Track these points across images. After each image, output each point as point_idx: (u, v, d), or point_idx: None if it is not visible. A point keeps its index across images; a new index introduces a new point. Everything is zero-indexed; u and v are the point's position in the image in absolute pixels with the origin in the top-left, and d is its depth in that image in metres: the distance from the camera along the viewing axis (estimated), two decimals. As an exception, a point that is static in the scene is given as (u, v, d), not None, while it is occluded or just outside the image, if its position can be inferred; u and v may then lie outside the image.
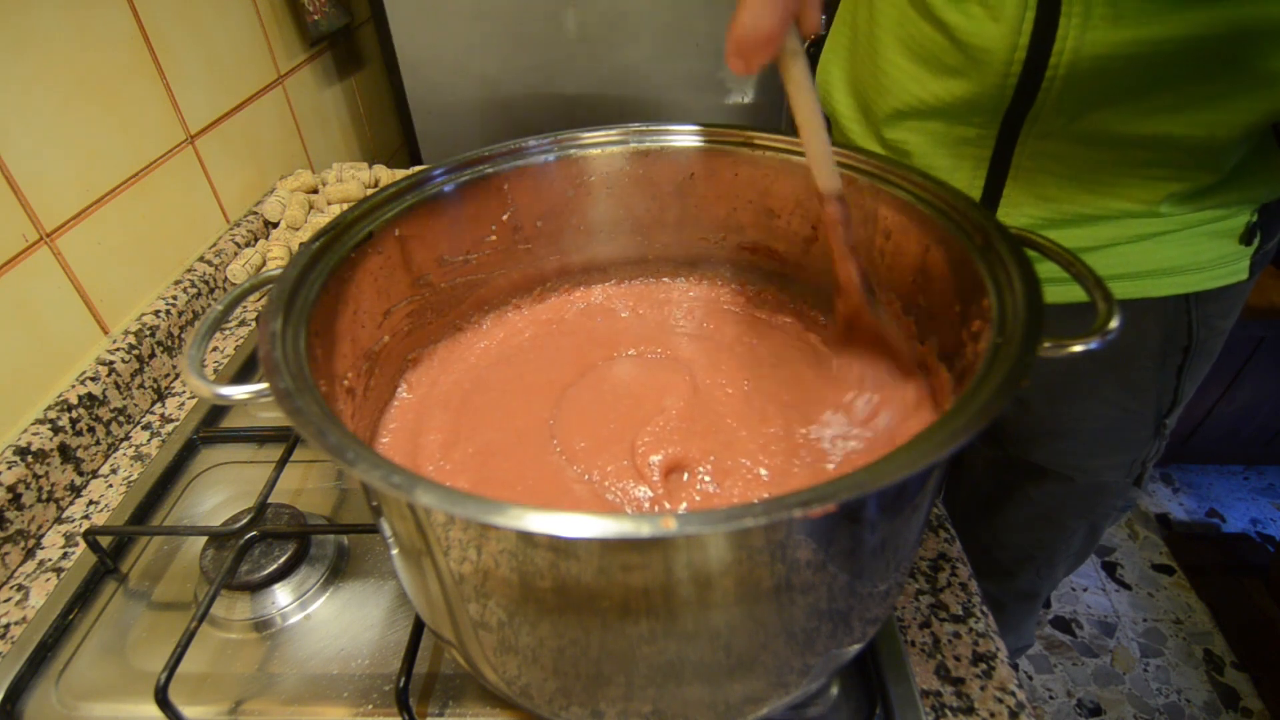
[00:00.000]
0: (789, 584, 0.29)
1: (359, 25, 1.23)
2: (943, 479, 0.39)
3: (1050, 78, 0.49)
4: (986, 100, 0.52)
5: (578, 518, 0.23)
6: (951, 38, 0.52)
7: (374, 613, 0.50)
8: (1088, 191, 0.54)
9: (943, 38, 0.53)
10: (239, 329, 0.80)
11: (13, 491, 0.55)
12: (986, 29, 0.50)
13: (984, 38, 0.50)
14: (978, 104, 0.53)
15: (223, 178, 0.88)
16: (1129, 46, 0.45)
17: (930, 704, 0.44)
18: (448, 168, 0.45)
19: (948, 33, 0.52)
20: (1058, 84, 0.49)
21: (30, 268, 0.62)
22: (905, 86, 0.57)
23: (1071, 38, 0.47)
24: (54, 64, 0.64)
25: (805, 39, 0.36)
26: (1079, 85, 0.48)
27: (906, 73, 0.57)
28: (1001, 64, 0.50)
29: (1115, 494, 0.74)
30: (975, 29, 0.50)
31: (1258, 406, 1.65)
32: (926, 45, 0.54)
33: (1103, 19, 0.46)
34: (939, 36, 0.53)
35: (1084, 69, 0.47)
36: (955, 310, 0.37)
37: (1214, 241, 0.56)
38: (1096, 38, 0.46)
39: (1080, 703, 1.42)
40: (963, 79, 0.53)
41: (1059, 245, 0.35)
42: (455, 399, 0.46)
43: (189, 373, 0.33)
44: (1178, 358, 0.63)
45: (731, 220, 0.50)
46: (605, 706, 0.35)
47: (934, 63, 0.54)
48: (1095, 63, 0.47)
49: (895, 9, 0.57)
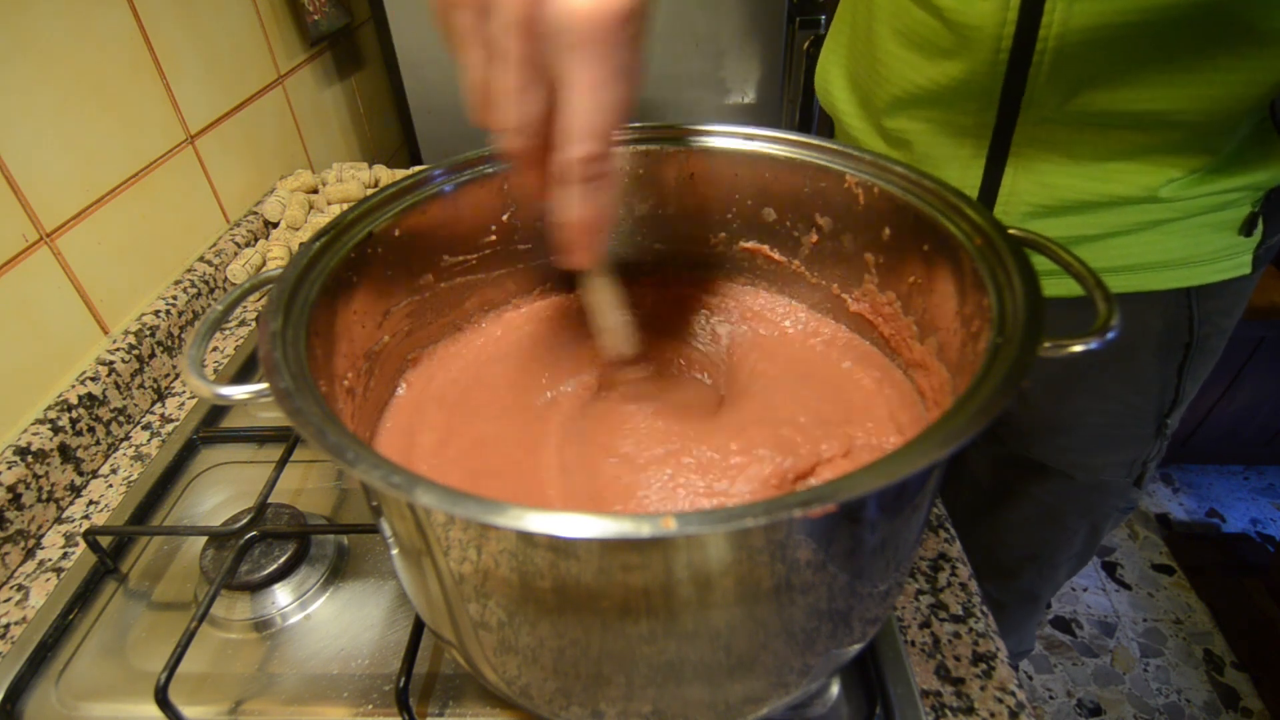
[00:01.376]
0: (789, 584, 0.29)
1: (359, 25, 1.23)
2: (943, 479, 0.39)
3: (1040, 51, 0.49)
4: (980, 81, 0.53)
5: (578, 518, 0.23)
6: (943, 19, 0.52)
7: (374, 613, 0.50)
8: (1086, 177, 0.54)
9: (935, 20, 0.53)
10: (239, 329, 0.80)
11: (13, 491, 0.55)
12: (975, 7, 0.50)
13: (973, 15, 0.50)
14: (972, 86, 0.53)
15: (223, 178, 0.88)
16: (1117, 16, 0.46)
17: (930, 704, 0.44)
18: (448, 168, 0.45)
19: (940, 15, 0.53)
20: (1048, 58, 0.49)
21: (30, 268, 0.62)
22: (902, 73, 0.58)
23: (1059, 10, 0.47)
24: (54, 64, 0.64)
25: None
26: (1070, 60, 0.49)
27: (902, 60, 0.57)
28: (991, 40, 0.50)
29: (1116, 494, 0.74)
30: (964, 8, 0.51)
31: (1258, 406, 1.65)
32: (920, 30, 0.55)
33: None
34: (931, 20, 0.53)
35: (1073, 42, 0.48)
36: (954, 310, 0.37)
37: (1214, 233, 0.56)
38: (1085, 8, 0.46)
39: (1080, 703, 1.42)
40: (956, 60, 0.53)
41: (1059, 245, 0.35)
42: (452, 395, 0.46)
43: (189, 373, 0.33)
44: (1179, 354, 0.63)
45: (731, 220, 0.50)
46: (605, 706, 0.35)
47: (928, 47, 0.55)
48: (1084, 35, 0.47)
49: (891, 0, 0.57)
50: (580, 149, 0.29)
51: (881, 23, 0.59)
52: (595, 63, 0.27)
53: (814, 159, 0.45)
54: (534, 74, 0.29)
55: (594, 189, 0.31)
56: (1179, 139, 0.51)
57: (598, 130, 0.29)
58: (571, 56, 0.27)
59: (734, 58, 1.10)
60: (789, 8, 1.06)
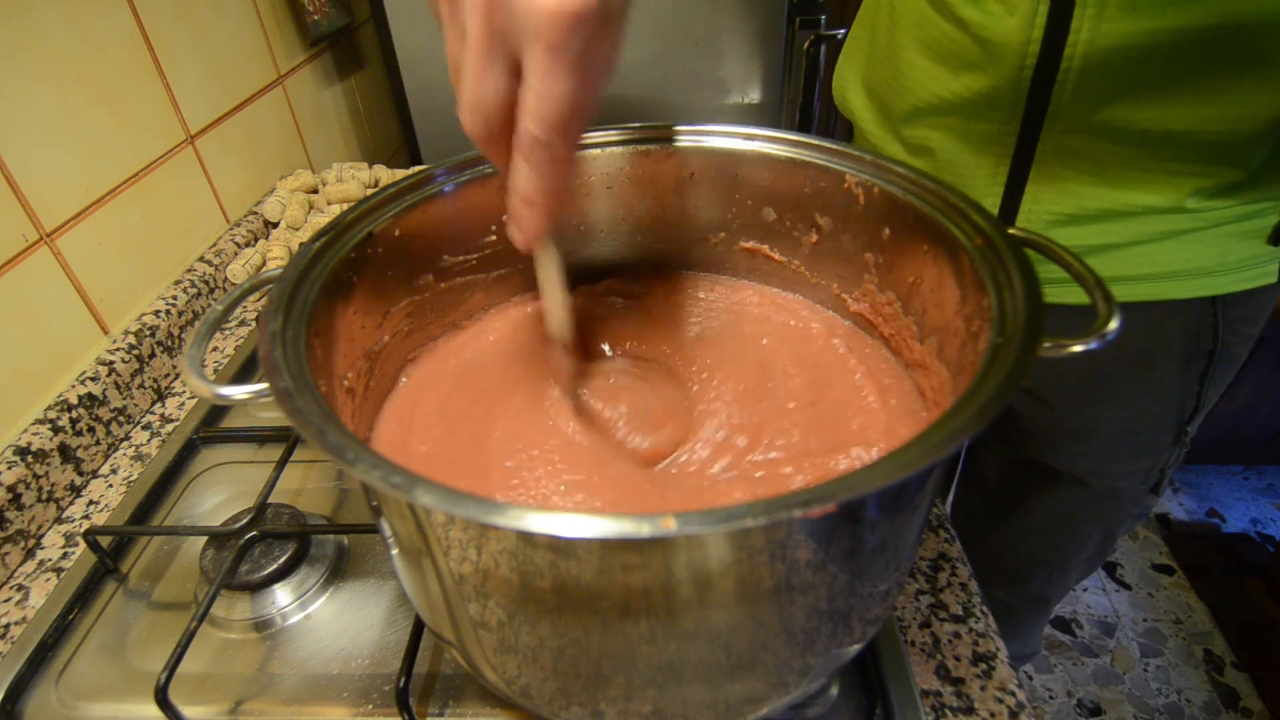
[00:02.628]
0: (789, 584, 0.29)
1: (359, 25, 1.23)
2: (943, 479, 0.39)
3: (1065, 70, 0.49)
4: (1003, 94, 0.52)
5: (578, 518, 0.23)
6: (970, 34, 0.52)
7: (374, 613, 0.50)
8: (1111, 187, 0.53)
9: (962, 34, 0.53)
10: (239, 329, 0.80)
11: (13, 491, 0.55)
12: (1002, 23, 0.50)
13: (999, 31, 0.50)
14: (995, 98, 0.53)
15: (223, 178, 0.88)
16: (1145, 37, 0.45)
17: (930, 704, 0.44)
18: (448, 168, 0.45)
19: (966, 29, 0.52)
20: (1073, 76, 0.49)
21: (30, 268, 0.62)
22: (924, 85, 0.57)
23: (1085, 29, 0.47)
24: (54, 64, 0.64)
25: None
26: (1095, 78, 0.48)
27: (926, 71, 0.57)
28: (1016, 56, 0.50)
29: (1131, 501, 0.73)
30: (991, 23, 0.50)
31: (1258, 406, 1.65)
32: (945, 44, 0.55)
33: (1118, 9, 0.45)
34: (958, 34, 0.53)
35: (1099, 61, 0.47)
36: (954, 310, 0.37)
37: (1242, 242, 0.55)
38: (1111, 28, 0.46)
39: (1080, 703, 1.42)
40: (980, 73, 0.53)
41: (1059, 245, 0.35)
42: (452, 394, 0.46)
43: (189, 373, 0.33)
44: (1201, 362, 0.62)
45: (732, 220, 0.50)
46: (605, 706, 0.35)
47: (953, 60, 0.55)
48: (1111, 54, 0.47)
49: (915, 12, 0.57)
50: (527, 130, 0.31)
51: (905, 33, 0.58)
52: (548, 53, 0.29)
53: (814, 159, 0.45)
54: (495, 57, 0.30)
55: (538, 171, 0.32)
56: (1205, 153, 0.50)
57: (547, 117, 0.30)
58: (527, 44, 0.29)
59: (734, 58, 1.10)
60: (789, 8, 1.06)
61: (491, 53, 0.30)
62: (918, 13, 0.57)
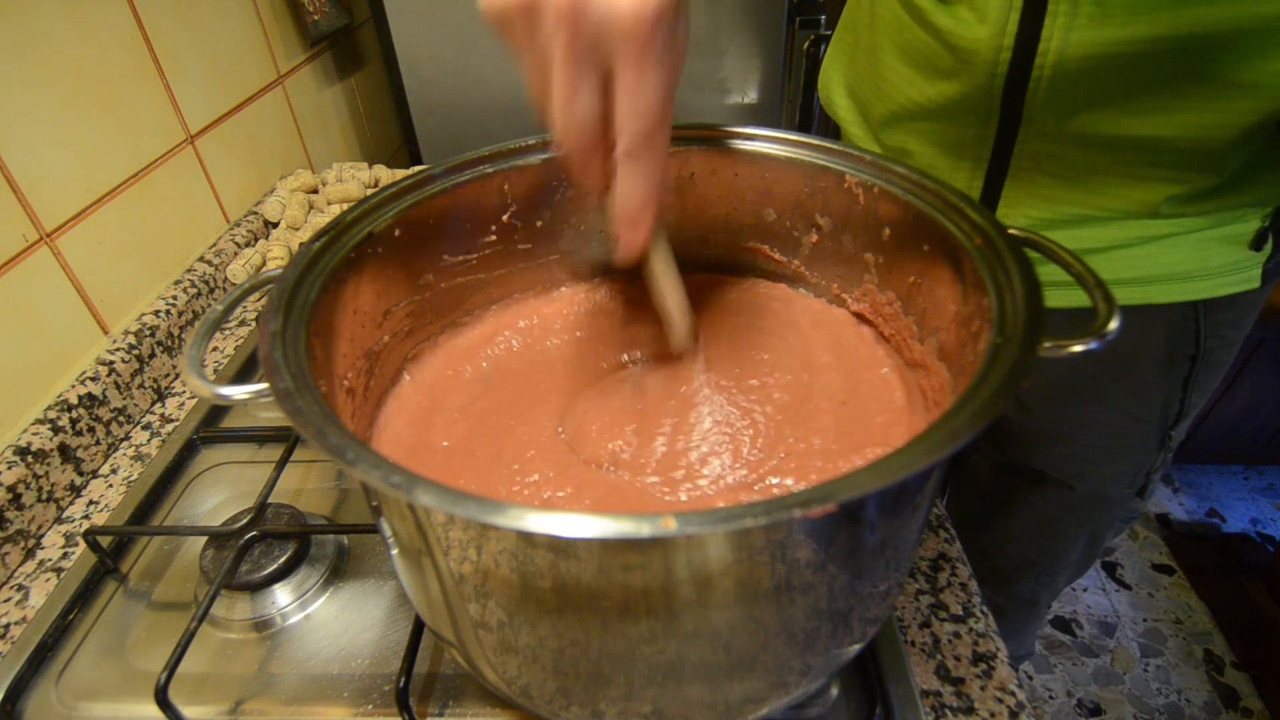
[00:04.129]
0: (789, 584, 0.29)
1: (359, 25, 1.23)
2: (943, 479, 0.39)
3: (1037, 78, 0.49)
4: (977, 101, 0.53)
5: (578, 518, 0.23)
6: (943, 41, 0.52)
7: (374, 613, 0.50)
8: (1086, 192, 0.54)
9: (935, 42, 0.53)
10: (239, 329, 0.80)
11: (13, 491, 0.55)
12: (974, 31, 0.50)
13: (971, 39, 0.50)
14: (970, 105, 0.53)
15: (223, 178, 0.88)
16: (1115, 46, 0.45)
17: (930, 704, 0.44)
18: (448, 168, 0.45)
19: (940, 36, 0.53)
20: (1045, 84, 0.49)
21: (30, 268, 0.62)
22: (901, 90, 0.58)
23: (1056, 38, 0.47)
24: (54, 64, 0.64)
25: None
26: (1067, 86, 0.49)
27: (902, 76, 0.57)
28: (988, 64, 0.50)
29: (1116, 504, 0.73)
30: (963, 31, 0.51)
31: (1258, 406, 1.65)
32: (921, 50, 0.55)
33: (1089, 18, 0.46)
34: (932, 41, 0.53)
35: (1071, 69, 0.48)
36: (954, 310, 0.37)
37: (1222, 247, 0.55)
38: (1082, 37, 0.46)
39: (1080, 703, 1.42)
40: (954, 80, 0.53)
41: (1060, 246, 0.35)
42: (452, 391, 0.46)
43: (189, 373, 0.33)
44: (1185, 367, 0.62)
45: (732, 220, 0.50)
46: (605, 706, 0.35)
47: (927, 66, 0.55)
48: (1082, 63, 0.47)
49: (893, 16, 0.57)
50: (634, 132, 0.32)
51: (884, 37, 0.58)
52: (641, 53, 0.29)
53: (814, 159, 0.45)
54: (584, 73, 0.31)
55: (644, 171, 0.33)
56: (1178, 159, 0.50)
57: (651, 113, 0.31)
58: (618, 49, 0.30)
59: (734, 58, 1.10)
60: (789, 8, 1.06)
61: (581, 70, 0.31)
62: (895, 18, 0.57)
